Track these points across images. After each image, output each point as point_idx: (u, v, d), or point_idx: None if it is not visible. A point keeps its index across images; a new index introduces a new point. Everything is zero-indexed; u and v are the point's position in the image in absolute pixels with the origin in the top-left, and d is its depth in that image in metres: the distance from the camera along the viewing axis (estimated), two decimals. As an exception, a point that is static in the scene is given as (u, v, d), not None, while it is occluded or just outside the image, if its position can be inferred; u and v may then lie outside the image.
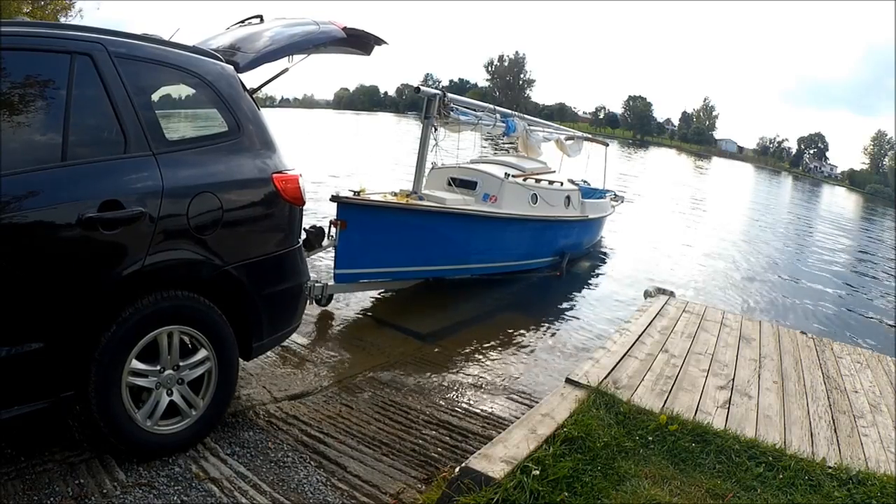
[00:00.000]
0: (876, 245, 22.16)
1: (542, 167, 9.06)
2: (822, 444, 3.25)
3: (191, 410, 2.71)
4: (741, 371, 4.23)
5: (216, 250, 2.64)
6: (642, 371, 3.93)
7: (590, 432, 2.90)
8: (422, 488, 2.79)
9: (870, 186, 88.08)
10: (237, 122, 2.81)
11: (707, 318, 5.52)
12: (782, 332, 5.43)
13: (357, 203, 5.71)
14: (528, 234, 7.89)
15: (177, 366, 2.61)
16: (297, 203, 3.00)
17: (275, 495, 2.59)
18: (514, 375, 4.79)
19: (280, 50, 3.34)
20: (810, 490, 2.71)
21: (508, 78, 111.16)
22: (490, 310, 6.81)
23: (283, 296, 3.03)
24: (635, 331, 4.72)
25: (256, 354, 3.04)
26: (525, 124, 8.88)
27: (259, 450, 2.92)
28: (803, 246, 17.73)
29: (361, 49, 4.34)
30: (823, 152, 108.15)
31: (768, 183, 59.50)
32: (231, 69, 2.91)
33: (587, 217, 9.21)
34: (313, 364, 4.33)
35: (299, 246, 3.11)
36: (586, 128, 73.81)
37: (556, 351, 5.62)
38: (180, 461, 2.67)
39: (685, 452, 2.91)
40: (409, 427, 3.45)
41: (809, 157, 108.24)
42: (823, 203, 46.09)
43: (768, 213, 26.35)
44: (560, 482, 2.49)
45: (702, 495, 2.58)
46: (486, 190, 7.34)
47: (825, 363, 4.74)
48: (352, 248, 5.66)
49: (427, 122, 6.75)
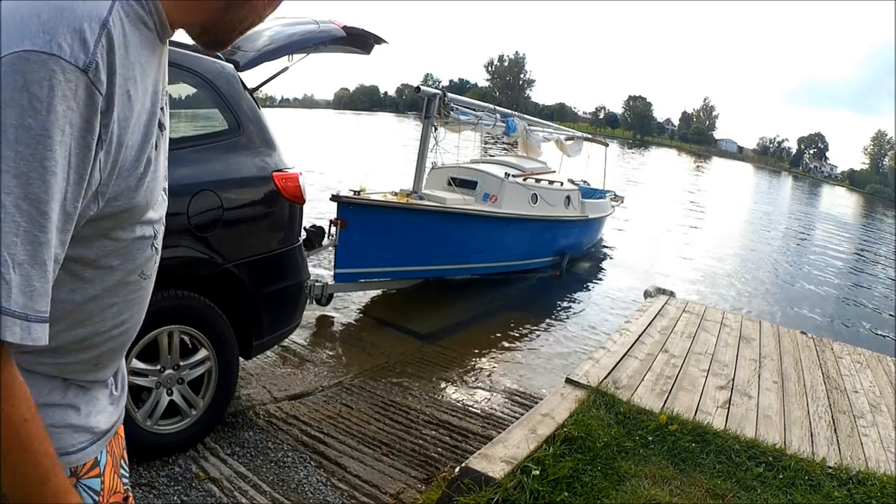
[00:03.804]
0: (876, 245, 22.17)
1: (542, 167, 9.06)
2: (822, 444, 3.25)
3: (191, 410, 2.70)
4: (741, 371, 4.22)
5: (216, 248, 2.64)
6: (642, 371, 3.92)
7: (590, 432, 2.90)
8: (422, 488, 2.79)
9: (870, 186, 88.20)
10: (237, 121, 2.81)
11: (707, 318, 5.51)
12: (782, 332, 5.43)
13: (357, 202, 5.70)
14: (528, 234, 7.89)
15: (177, 365, 2.60)
16: (297, 201, 2.99)
17: (275, 495, 2.59)
18: (514, 375, 4.78)
19: (280, 49, 3.34)
20: (810, 490, 2.71)
21: (508, 78, 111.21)
22: (490, 310, 6.81)
23: (284, 294, 3.02)
24: (635, 331, 4.72)
25: (256, 353, 3.04)
26: (525, 124, 8.88)
27: (259, 450, 2.92)
28: (803, 246, 17.74)
29: (361, 48, 4.34)
30: (823, 152, 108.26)
31: (768, 183, 59.55)
32: (231, 68, 2.91)
33: (587, 217, 9.20)
34: (313, 364, 4.33)
35: (299, 244, 3.11)
36: (586, 128, 73.78)
37: (556, 351, 5.62)
38: (180, 461, 2.67)
39: (685, 452, 2.91)
40: (409, 427, 3.45)
41: (809, 157, 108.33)
42: (823, 203, 46.12)
43: (768, 214, 26.36)
44: (560, 482, 2.49)
45: (702, 495, 2.58)
46: (486, 190, 7.34)
47: (825, 363, 4.74)
48: (352, 248, 5.66)
49: (427, 121, 6.75)
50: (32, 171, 0.60)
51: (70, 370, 0.77)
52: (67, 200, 0.63)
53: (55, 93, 0.60)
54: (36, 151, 0.60)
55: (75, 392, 0.78)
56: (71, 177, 0.63)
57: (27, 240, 0.60)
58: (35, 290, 0.61)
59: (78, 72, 0.62)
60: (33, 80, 0.59)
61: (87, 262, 0.73)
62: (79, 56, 0.62)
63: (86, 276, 0.74)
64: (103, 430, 0.82)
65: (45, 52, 0.60)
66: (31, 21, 0.61)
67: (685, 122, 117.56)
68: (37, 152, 0.60)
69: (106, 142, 0.67)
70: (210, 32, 0.80)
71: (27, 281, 0.60)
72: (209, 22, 0.78)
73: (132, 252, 0.78)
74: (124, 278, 0.78)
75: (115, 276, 0.77)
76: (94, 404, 0.81)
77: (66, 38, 0.61)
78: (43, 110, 0.60)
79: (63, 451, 0.74)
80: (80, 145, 0.63)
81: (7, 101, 0.59)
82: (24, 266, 0.59)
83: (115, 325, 0.80)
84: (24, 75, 0.59)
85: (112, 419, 0.85)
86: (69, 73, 0.61)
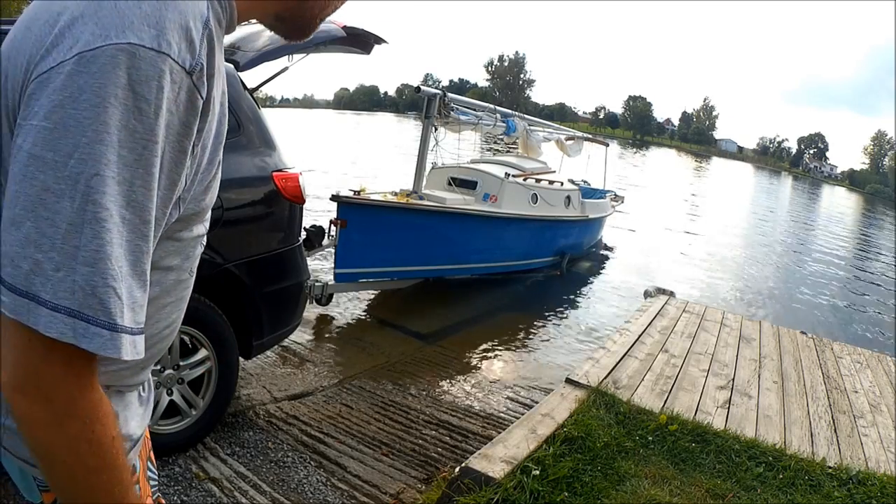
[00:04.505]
0: (876, 245, 22.16)
1: (542, 167, 9.06)
2: (822, 444, 3.25)
3: (191, 410, 2.70)
4: (741, 371, 4.22)
5: (216, 248, 2.64)
6: (642, 371, 3.92)
7: (590, 432, 2.90)
8: (422, 488, 2.79)
9: (870, 186, 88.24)
10: (237, 121, 2.80)
11: (707, 318, 5.51)
12: (782, 332, 5.43)
13: (357, 202, 5.71)
14: (529, 234, 7.89)
15: (177, 365, 2.60)
16: (297, 201, 2.99)
17: (275, 495, 2.59)
18: (514, 375, 4.78)
19: (280, 49, 3.33)
20: (810, 490, 2.71)
21: (508, 78, 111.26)
22: (490, 310, 6.81)
23: (284, 294, 3.02)
24: (635, 331, 4.72)
25: (256, 353, 3.04)
26: (525, 124, 8.88)
27: (259, 450, 2.92)
28: (803, 246, 17.73)
29: (361, 48, 4.33)
30: (823, 152, 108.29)
31: (768, 183, 59.54)
32: (231, 68, 2.91)
33: (587, 217, 9.20)
34: (313, 364, 4.33)
35: (300, 244, 3.11)
36: (586, 128, 73.83)
37: (555, 351, 5.62)
38: (180, 461, 2.67)
39: (685, 452, 2.91)
40: (409, 427, 3.45)
41: (809, 157, 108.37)
42: (823, 203, 46.11)
43: (768, 214, 26.35)
44: (560, 482, 2.49)
45: (702, 495, 2.58)
46: (486, 190, 7.33)
47: (825, 363, 4.74)
48: (352, 248, 5.66)
49: (427, 121, 6.75)
50: (136, 178, 0.56)
51: (117, 377, 0.73)
52: (157, 207, 0.60)
53: (163, 94, 0.56)
54: (141, 157, 0.56)
55: (115, 399, 0.74)
56: (163, 182, 0.60)
57: (129, 250, 0.57)
58: (136, 301, 0.58)
59: (184, 73, 0.58)
60: (140, 78, 0.54)
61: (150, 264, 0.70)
62: (185, 57, 0.58)
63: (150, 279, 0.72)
64: (138, 436, 0.79)
65: (153, 48, 0.55)
66: (131, 11, 0.55)
67: (685, 122, 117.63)
68: (142, 158, 0.56)
69: (197, 147, 0.64)
70: (287, 20, 0.76)
71: (131, 294, 0.57)
72: (285, 10, 0.75)
73: (189, 251, 0.75)
74: (178, 277, 0.75)
75: (172, 275, 0.74)
76: (129, 409, 0.78)
77: (174, 36, 0.57)
78: (151, 113, 0.55)
79: None
80: (175, 150, 0.60)
81: (109, 100, 0.54)
82: (128, 278, 0.57)
83: (167, 325, 0.78)
84: (128, 71, 0.54)
85: (143, 423, 0.82)
86: (176, 75, 0.57)
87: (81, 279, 0.53)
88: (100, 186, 0.53)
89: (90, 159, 0.53)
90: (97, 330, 0.54)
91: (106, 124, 0.53)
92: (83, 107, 0.53)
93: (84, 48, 0.54)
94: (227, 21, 0.69)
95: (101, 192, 0.53)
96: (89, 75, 0.53)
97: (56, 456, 0.57)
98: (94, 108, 0.53)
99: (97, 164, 0.53)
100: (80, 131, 0.53)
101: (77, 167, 0.53)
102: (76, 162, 0.53)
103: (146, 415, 0.83)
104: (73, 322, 0.53)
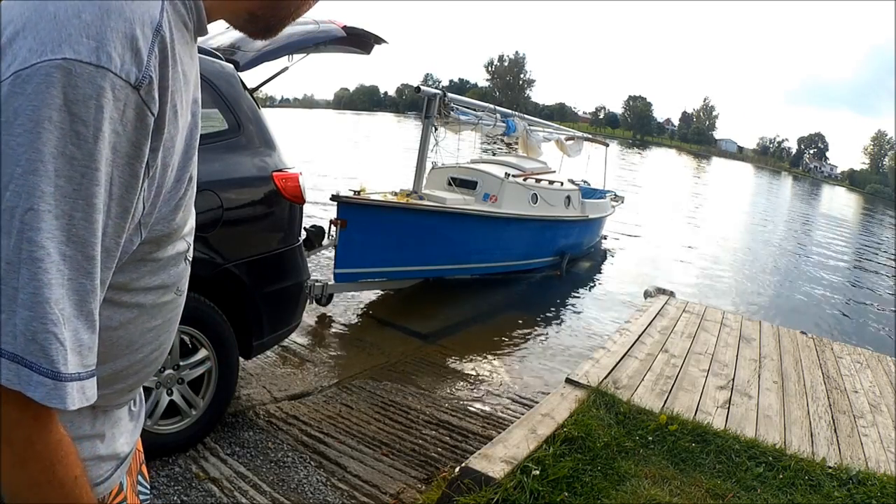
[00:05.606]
0: (876, 246, 22.16)
1: (542, 167, 9.06)
2: (822, 444, 3.25)
3: (191, 410, 2.70)
4: (741, 371, 4.22)
5: (216, 248, 2.64)
6: (642, 371, 3.92)
7: (590, 432, 2.90)
8: (422, 488, 2.79)
9: (870, 186, 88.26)
10: (237, 121, 2.81)
11: (707, 318, 5.51)
12: (782, 332, 5.43)
13: (357, 202, 5.71)
14: (529, 234, 7.89)
15: (177, 365, 2.60)
16: (297, 201, 2.99)
17: (275, 495, 2.59)
18: (514, 375, 4.78)
19: (279, 49, 3.34)
20: (810, 490, 2.71)
21: (508, 78, 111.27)
22: (490, 310, 6.81)
23: (284, 294, 3.02)
24: (635, 331, 4.72)
25: (256, 353, 3.04)
26: (525, 124, 8.88)
27: (259, 450, 2.92)
28: (803, 246, 17.73)
29: (361, 48, 4.34)
30: (823, 152, 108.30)
31: (768, 183, 59.53)
32: (231, 68, 2.91)
33: (587, 217, 9.20)
34: (313, 364, 4.33)
35: (300, 244, 3.11)
36: (586, 128, 73.79)
37: (555, 351, 5.62)
38: (180, 461, 2.66)
39: (685, 452, 2.91)
40: (409, 427, 3.45)
41: (809, 157, 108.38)
42: (823, 203, 46.11)
43: (768, 214, 26.35)
44: (560, 482, 2.49)
45: (702, 495, 2.58)
46: (486, 190, 7.34)
47: (825, 363, 4.74)
48: (352, 248, 5.66)
49: (427, 121, 6.75)
50: (76, 211, 0.50)
51: (102, 401, 0.68)
52: (108, 236, 0.55)
53: (103, 115, 0.50)
54: (80, 187, 0.50)
55: (102, 419, 0.72)
56: (113, 210, 0.54)
57: (73, 289, 0.52)
58: (83, 344, 0.54)
59: (129, 89, 0.52)
60: (77, 98, 0.49)
61: (120, 287, 0.64)
62: (130, 70, 0.52)
63: (122, 301, 0.66)
64: (126, 453, 0.77)
65: (91, 63, 0.49)
66: (69, 21, 0.49)
67: (685, 122, 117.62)
68: (81, 187, 0.50)
69: (153, 168, 0.58)
70: (261, 20, 0.71)
71: (76, 337, 0.53)
72: (259, 8, 0.70)
73: (170, 269, 0.71)
74: (161, 298, 0.71)
75: (151, 296, 0.69)
76: (117, 427, 0.75)
77: (115, 47, 0.50)
78: (89, 137, 0.49)
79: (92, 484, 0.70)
80: (125, 174, 0.54)
81: (43, 124, 0.48)
82: (72, 320, 0.52)
83: (155, 349, 0.74)
84: (63, 91, 0.48)
85: (133, 438, 0.79)
86: (119, 91, 0.51)
87: (21, 324, 0.49)
88: (34, 223, 0.49)
89: (24, 192, 0.48)
90: (40, 378, 0.50)
91: (40, 152, 0.48)
92: (17, 132, 0.48)
93: (21, 66, 0.49)
94: (194, 19, 0.64)
95: (35, 229, 0.49)
96: (24, 97, 0.48)
97: (19, 496, 0.55)
98: (28, 133, 0.48)
99: (31, 198, 0.48)
100: (14, 160, 0.48)
101: (11, 201, 0.48)
102: (11, 195, 0.48)
103: (137, 429, 0.80)
104: (17, 368, 0.50)
